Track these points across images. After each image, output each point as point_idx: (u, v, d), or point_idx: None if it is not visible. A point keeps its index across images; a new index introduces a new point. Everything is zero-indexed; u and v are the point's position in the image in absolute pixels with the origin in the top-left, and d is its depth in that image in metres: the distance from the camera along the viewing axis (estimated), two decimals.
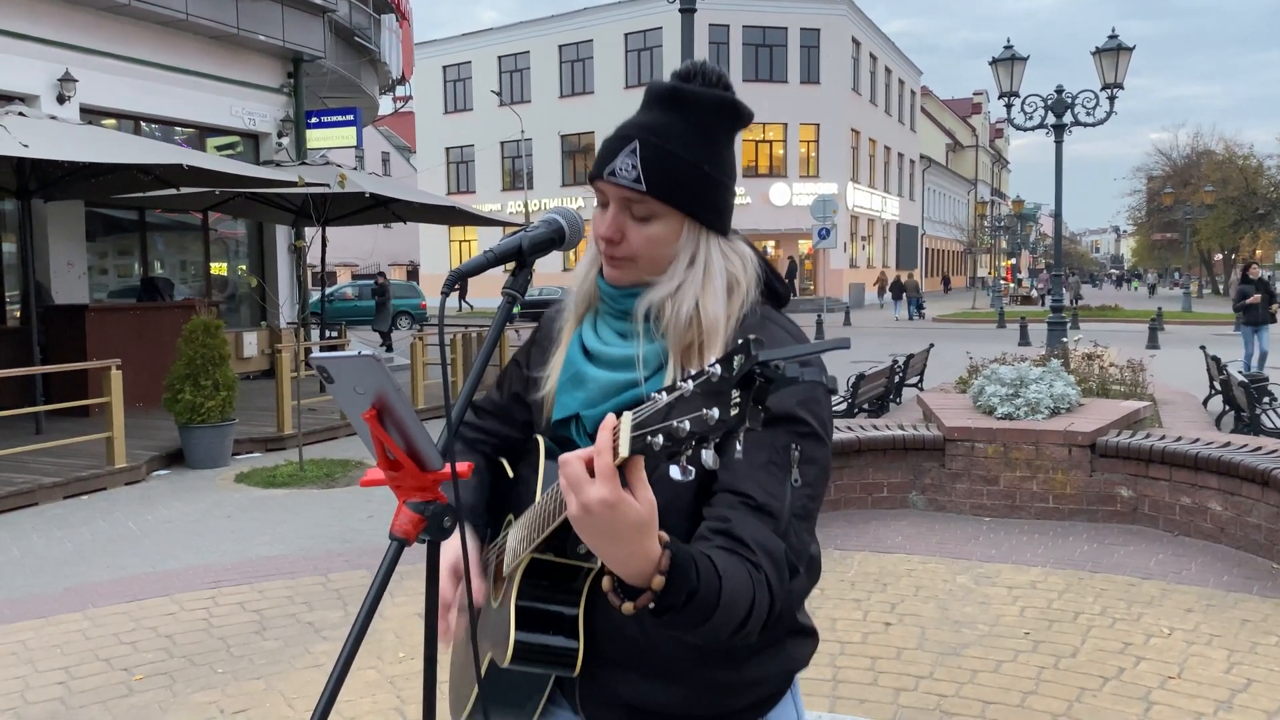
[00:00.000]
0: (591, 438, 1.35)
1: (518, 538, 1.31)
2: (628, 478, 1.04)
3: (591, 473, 1.04)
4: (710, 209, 1.36)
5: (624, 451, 0.99)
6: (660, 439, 0.96)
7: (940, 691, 3.88)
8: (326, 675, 1.40)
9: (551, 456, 1.37)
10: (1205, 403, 11.10)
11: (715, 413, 0.92)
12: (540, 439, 1.42)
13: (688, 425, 0.94)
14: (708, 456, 0.93)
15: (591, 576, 1.30)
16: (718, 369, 0.93)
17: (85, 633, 4.68)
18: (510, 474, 1.51)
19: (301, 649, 4.43)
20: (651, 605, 1.08)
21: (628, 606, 1.09)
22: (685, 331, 1.32)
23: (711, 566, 1.12)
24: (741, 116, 1.39)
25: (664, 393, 0.97)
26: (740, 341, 0.92)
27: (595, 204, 1.41)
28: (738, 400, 0.91)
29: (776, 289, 1.44)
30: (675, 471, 0.96)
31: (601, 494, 1.02)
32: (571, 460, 1.06)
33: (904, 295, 37.75)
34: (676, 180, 1.33)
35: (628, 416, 1.01)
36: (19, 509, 7.38)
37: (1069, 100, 12.80)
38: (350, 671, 1.16)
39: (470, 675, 1.46)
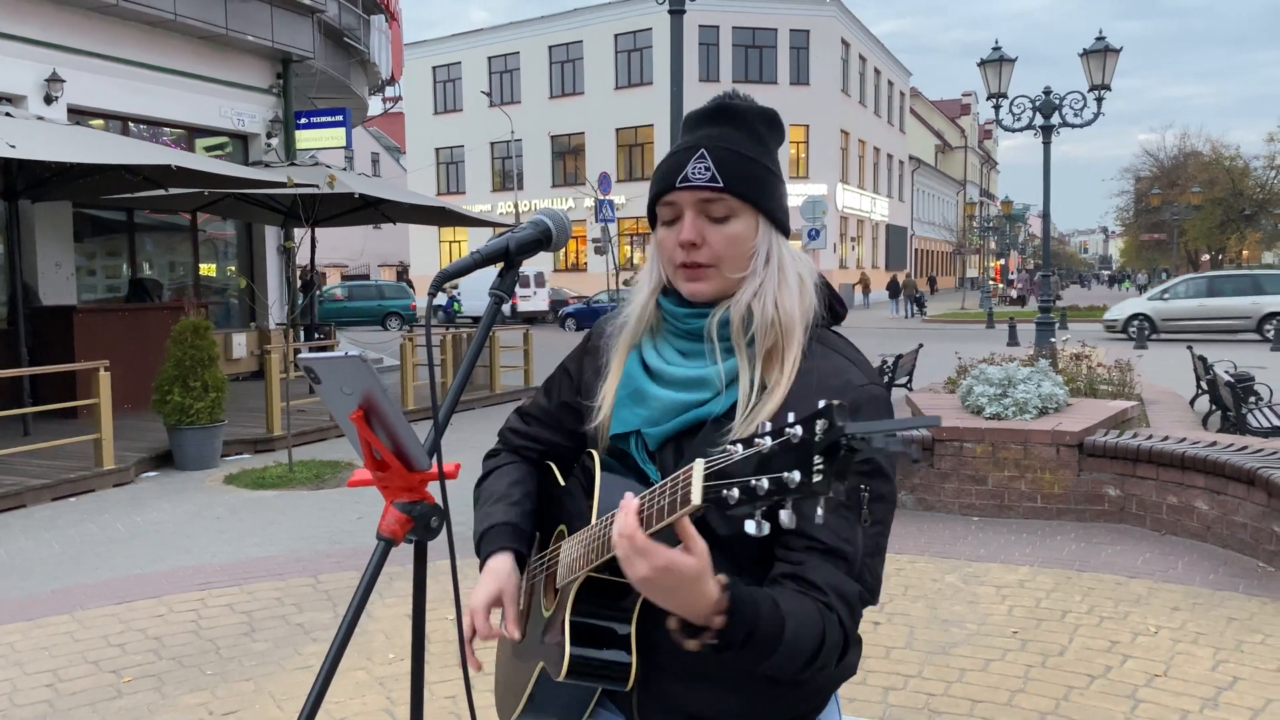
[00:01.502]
0: (651, 456, 1.39)
1: (572, 554, 1.33)
2: (678, 533, 1.09)
3: (636, 548, 1.10)
4: (779, 207, 1.41)
5: (696, 499, 1.02)
6: (736, 493, 0.98)
7: (929, 690, 3.89)
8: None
9: (608, 469, 1.39)
10: (1192, 402, 11.15)
11: (796, 476, 0.93)
12: (595, 454, 1.42)
13: (766, 484, 0.95)
14: (785, 516, 0.96)
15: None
16: (798, 430, 0.94)
17: (74, 635, 4.67)
18: (561, 481, 1.52)
19: (291, 650, 4.42)
20: (714, 642, 1.14)
21: (692, 644, 1.15)
22: (768, 333, 1.34)
23: (775, 606, 1.17)
24: (782, 127, 1.45)
25: (739, 445, 0.99)
26: (822, 405, 0.94)
27: (655, 227, 1.42)
28: (820, 466, 0.93)
29: (835, 309, 1.46)
30: (750, 526, 0.98)
31: (657, 563, 1.09)
32: (618, 541, 1.12)
33: (901, 294, 38.09)
34: (748, 178, 1.37)
35: (700, 464, 1.03)
36: (6, 511, 7.35)
37: (1057, 101, 12.84)
38: (339, 673, 1.17)
39: (519, 682, 1.47)
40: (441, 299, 32.25)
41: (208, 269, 15.57)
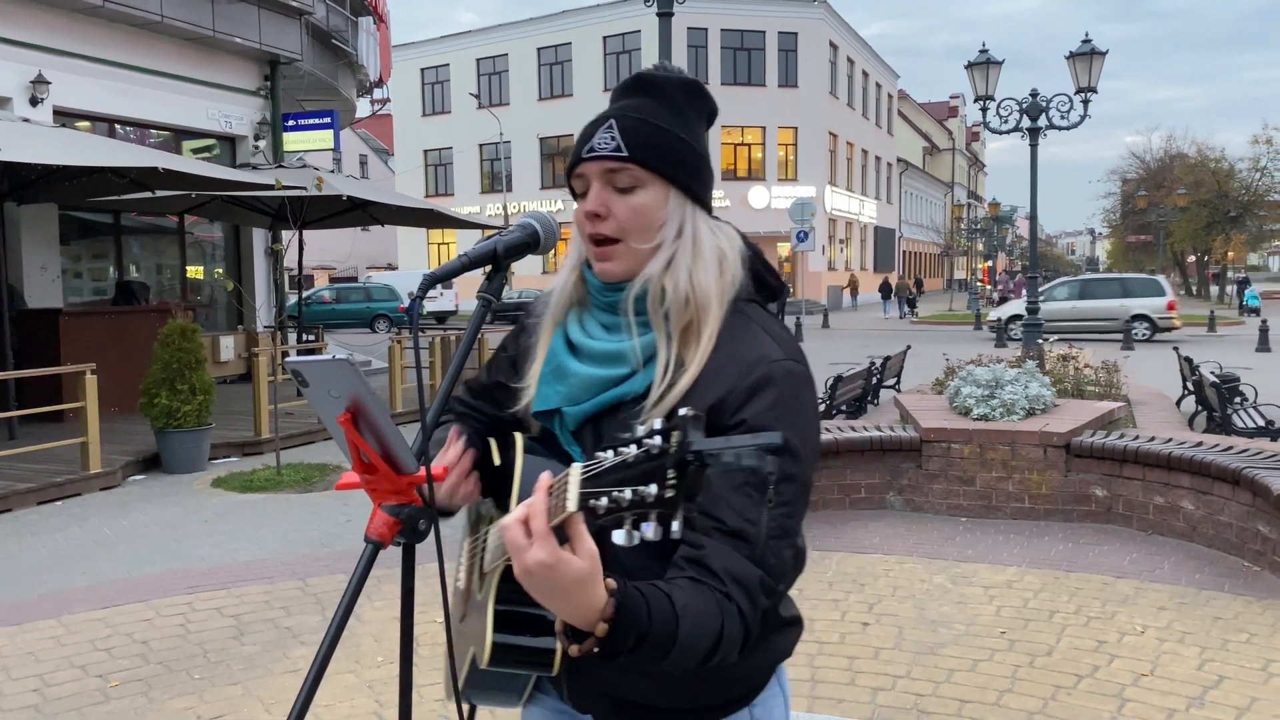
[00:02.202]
0: (574, 436, 1.37)
1: (496, 540, 1.31)
2: (568, 531, 1.05)
3: (529, 533, 1.06)
4: (692, 176, 1.37)
5: (571, 506, 0.99)
6: (604, 501, 0.96)
7: (917, 691, 3.91)
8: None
9: (530, 452, 1.37)
10: (1178, 403, 11.21)
11: (653, 489, 0.92)
12: (518, 436, 1.41)
13: (629, 495, 0.94)
14: (648, 529, 0.94)
15: None
16: (657, 441, 0.93)
17: (60, 639, 4.64)
18: (497, 459, 1.49)
19: (279, 654, 4.41)
20: (596, 650, 1.10)
21: (574, 649, 1.11)
22: (683, 311, 1.32)
23: (669, 606, 1.13)
24: (707, 97, 1.41)
25: (611, 452, 0.97)
26: (680, 414, 0.93)
27: (576, 200, 1.39)
28: (673, 481, 0.92)
29: (768, 281, 1.43)
30: (620, 536, 0.96)
31: (539, 556, 1.04)
32: (511, 525, 1.07)
33: (893, 295, 38.57)
34: (656, 147, 1.34)
35: (577, 470, 1.01)
36: None
37: (1043, 104, 12.89)
38: (328, 676, 1.17)
39: (463, 656, 1.47)
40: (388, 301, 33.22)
41: (195, 271, 15.51)
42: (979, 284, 47.31)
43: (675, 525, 0.94)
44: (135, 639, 4.63)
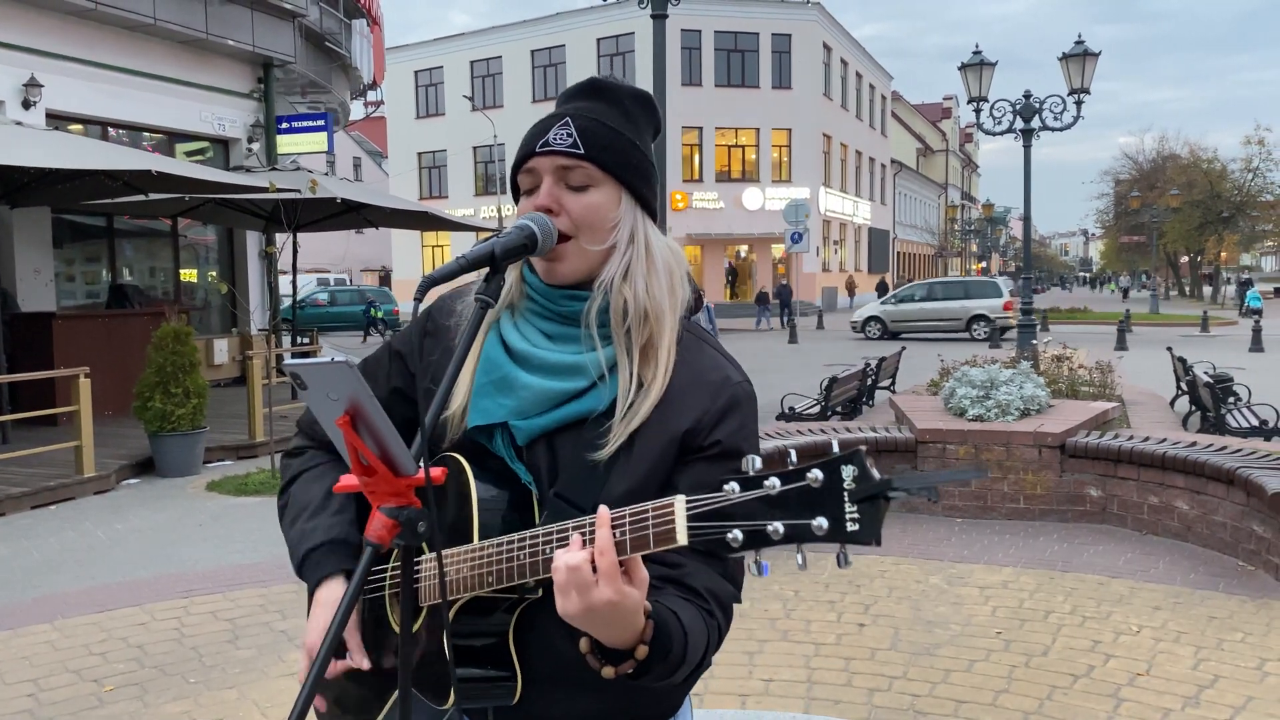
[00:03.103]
0: (518, 451, 1.31)
1: (459, 574, 1.25)
2: (626, 563, 1.06)
3: (594, 568, 1.05)
4: (643, 182, 1.36)
5: (681, 539, 0.99)
6: (739, 535, 0.95)
7: (914, 691, 3.91)
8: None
9: (480, 479, 1.29)
10: (1172, 403, 11.24)
11: (823, 522, 0.92)
12: (464, 462, 1.30)
13: (782, 529, 0.93)
14: (800, 560, 0.95)
15: (524, 604, 1.26)
16: (819, 474, 0.92)
17: (54, 644, 4.63)
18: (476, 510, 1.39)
19: (275, 657, 4.40)
20: (630, 671, 1.12)
21: (608, 671, 1.12)
22: (643, 326, 1.30)
23: (680, 627, 1.16)
24: (656, 111, 1.42)
25: (735, 484, 0.96)
26: (842, 451, 0.93)
27: (517, 198, 1.38)
28: (856, 515, 0.91)
29: (699, 298, 1.44)
30: (753, 569, 0.97)
31: (606, 595, 1.05)
32: (579, 565, 1.06)
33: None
34: (611, 148, 1.33)
35: (681, 501, 1.00)
36: None
37: (1037, 105, 12.92)
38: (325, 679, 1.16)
39: (364, 710, 1.37)
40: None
41: (189, 274, 15.48)
42: None
43: (848, 559, 0.94)
44: (130, 643, 4.61)
